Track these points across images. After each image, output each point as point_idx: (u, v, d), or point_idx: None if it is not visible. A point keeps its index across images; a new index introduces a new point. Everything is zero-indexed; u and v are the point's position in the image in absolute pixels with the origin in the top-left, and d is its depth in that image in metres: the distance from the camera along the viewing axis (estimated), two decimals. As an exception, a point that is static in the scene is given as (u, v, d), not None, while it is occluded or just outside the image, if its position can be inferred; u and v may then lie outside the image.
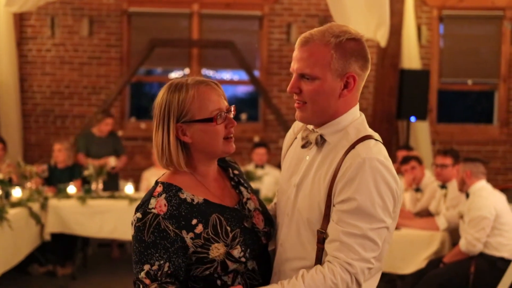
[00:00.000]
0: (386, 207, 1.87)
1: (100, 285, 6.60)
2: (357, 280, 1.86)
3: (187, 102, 2.02)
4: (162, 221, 1.95)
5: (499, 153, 9.42)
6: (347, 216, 1.86)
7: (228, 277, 2.01)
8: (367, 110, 9.25)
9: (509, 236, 4.94)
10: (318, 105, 1.95)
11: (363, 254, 1.85)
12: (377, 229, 1.87)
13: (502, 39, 9.34)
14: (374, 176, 1.85)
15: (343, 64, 1.92)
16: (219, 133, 2.04)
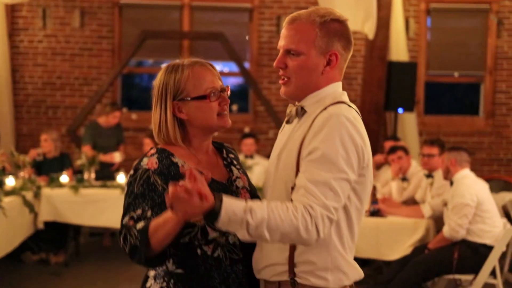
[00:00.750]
0: (349, 160, 1.94)
1: (92, 272, 6.72)
2: (316, 226, 1.88)
3: (182, 81, 2.16)
4: (152, 175, 2.08)
5: (485, 144, 9.59)
6: (312, 165, 1.93)
7: (209, 248, 2.10)
8: (355, 101, 9.38)
9: (490, 223, 5.09)
10: (302, 80, 2.07)
11: (324, 200, 1.89)
12: (339, 179, 1.92)
13: (488, 32, 9.51)
14: (339, 129, 1.94)
15: (327, 42, 2.05)
16: (213, 109, 2.17)
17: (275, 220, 1.87)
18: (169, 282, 2.11)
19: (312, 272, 2.02)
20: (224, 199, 1.88)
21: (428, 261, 5.08)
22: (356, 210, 2.05)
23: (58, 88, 9.34)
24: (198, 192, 1.82)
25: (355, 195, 2.03)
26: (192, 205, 1.83)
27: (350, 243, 2.07)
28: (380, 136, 8.86)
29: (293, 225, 1.87)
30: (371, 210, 5.61)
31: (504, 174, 9.37)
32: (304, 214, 1.88)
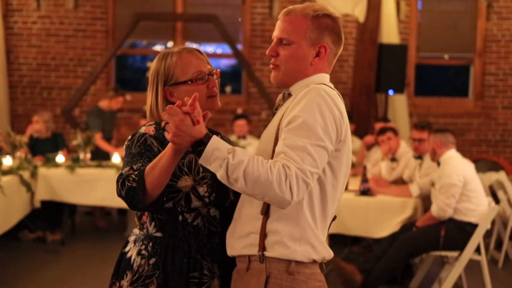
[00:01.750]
0: (327, 130, 2.00)
1: (88, 250, 6.87)
2: (290, 185, 1.92)
3: (171, 68, 2.32)
4: (148, 138, 2.23)
5: (474, 126, 9.76)
6: (291, 132, 2.00)
7: (190, 215, 2.24)
8: (347, 83, 9.53)
9: (476, 202, 5.25)
10: (290, 67, 2.18)
11: (301, 163, 1.93)
12: (316, 145, 1.97)
13: (478, 14, 9.64)
14: (318, 100, 2.03)
15: (317, 35, 2.16)
16: (201, 92, 2.30)
17: (252, 167, 1.92)
18: (147, 245, 2.26)
19: (280, 242, 2.05)
20: (214, 136, 1.99)
21: (416, 238, 5.24)
22: (332, 187, 2.10)
23: (53, 69, 9.42)
24: (195, 113, 1.96)
25: (330, 170, 2.08)
26: (185, 124, 1.95)
27: (322, 220, 2.11)
28: (371, 117, 9.01)
29: (268, 178, 1.91)
30: (361, 189, 5.76)
31: (492, 155, 9.56)
32: (281, 171, 1.91)
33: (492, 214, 5.11)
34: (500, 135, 9.76)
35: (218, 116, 9.17)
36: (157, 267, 2.24)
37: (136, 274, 2.25)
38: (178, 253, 2.24)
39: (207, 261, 2.25)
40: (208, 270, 2.26)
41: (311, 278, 2.09)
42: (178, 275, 2.23)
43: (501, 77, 9.71)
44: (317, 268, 2.13)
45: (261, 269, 2.08)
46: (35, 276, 5.83)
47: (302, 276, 2.07)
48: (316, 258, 2.09)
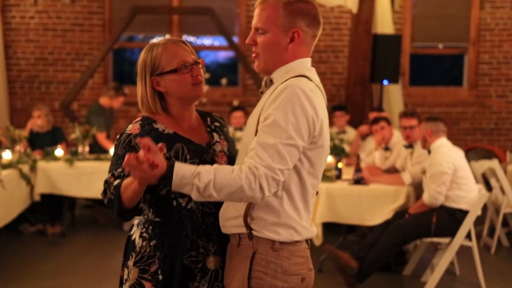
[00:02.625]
0: (298, 128, 2.11)
1: (88, 242, 6.98)
2: (260, 184, 2.07)
3: (157, 59, 2.44)
4: (133, 139, 2.36)
5: (468, 114, 9.85)
6: (264, 129, 2.13)
7: (183, 200, 2.37)
8: (342, 74, 9.62)
9: (466, 189, 5.35)
10: (268, 55, 2.29)
11: (270, 162, 2.07)
12: (287, 144, 2.09)
13: (472, 4, 9.72)
14: (291, 99, 2.12)
15: (289, 21, 2.25)
16: (186, 80, 2.42)
17: (220, 181, 2.07)
18: (148, 228, 2.42)
19: (265, 227, 2.22)
20: (175, 165, 2.11)
21: (408, 225, 5.35)
22: (309, 174, 2.24)
23: (51, 64, 9.51)
24: (150, 161, 2.05)
25: (307, 160, 2.21)
26: (144, 172, 2.06)
27: (303, 204, 2.26)
28: (366, 107, 9.10)
29: (237, 184, 2.06)
30: (355, 179, 5.86)
31: (487, 143, 9.66)
32: (248, 174, 2.06)
33: (482, 201, 5.21)
34: (494, 124, 9.86)
35: (215, 108, 9.27)
36: (158, 249, 2.39)
37: (139, 255, 2.41)
38: (175, 235, 2.39)
39: (202, 240, 2.40)
40: (203, 248, 2.40)
41: (294, 254, 2.25)
42: (176, 255, 2.38)
43: (495, 66, 9.80)
44: (302, 244, 2.30)
45: (249, 245, 2.26)
46: (36, 268, 5.95)
47: (285, 252, 2.24)
48: (299, 239, 2.26)
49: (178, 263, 2.38)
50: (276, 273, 2.23)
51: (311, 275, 2.32)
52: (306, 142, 2.16)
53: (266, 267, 2.23)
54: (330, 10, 9.44)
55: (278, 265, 2.23)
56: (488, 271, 5.82)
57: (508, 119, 9.82)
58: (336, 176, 6.08)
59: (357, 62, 8.87)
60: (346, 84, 9.36)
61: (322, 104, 2.25)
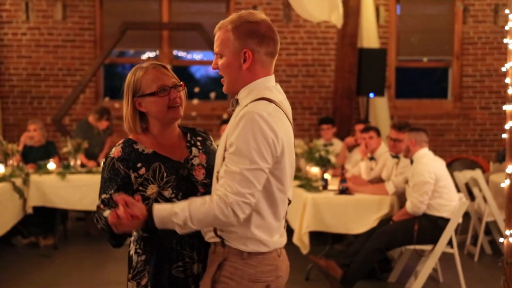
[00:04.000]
0: (261, 152, 2.27)
1: (80, 254, 7.10)
2: (233, 210, 2.25)
3: (139, 81, 2.62)
4: (116, 162, 2.55)
5: (453, 126, 10.05)
6: (230, 158, 2.29)
7: None
8: (329, 87, 9.81)
9: (448, 198, 5.52)
10: (228, 77, 2.46)
11: (238, 188, 2.25)
12: (252, 169, 2.26)
13: (455, 18, 9.96)
14: (251, 126, 2.27)
15: (239, 43, 2.41)
16: (164, 103, 2.60)
17: (196, 215, 2.28)
18: (140, 244, 2.62)
19: (234, 239, 2.39)
20: (154, 209, 2.34)
21: (391, 232, 5.51)
22: (278, 190, 2.40)
23: (43, 79, 9.66)
24: (129, 216, 2.28)
25: (274, 178, 2.37)
26: (127, 225, 2.32)
27: (273, 218, 2.42)
28: (353, 119, 9.29)
29: (211, 214, 2.27)
30: (340, 189, 6.03)
31: (471, 154, 9.86)
32: (219, 204, 2.25)
33: (463, 209, 5.39)
34: (478, 135, 10.06)
35: (205, 121, 9.44)
36: (147, 263, 2.59)
37: (135, 270, 2.63)
38: (161, 248, 2.58)
39: (186, 251, 2.59)
40: (189, 257, 2.59)
41: (261, 263, 2.41)
42: (163, 267, 2.57)
43: (479, 79, 10.02)
44: (271, 254, 2.44)
45: (222, 252, 2.43)
46: (29, 279, 6.06)
47: (253, 261, 2.40)
48: (266, 250, 2.42)
49: (165, 275, 2.56)
50: (242, 280, 2.39)
51: (278, 282, 2.46)
52: (271, 163, 2.32)
53: (232, 273, 2.39)
54: (317, 25, 9.64)
55: (245, 272, 2.39)
56: (471, 278, 5.99)
57: (492, 130, 10.03)
58: (323, 186, 6.25)
59: (343, 75, 9.06)
60: (333, 97, 9.56)
61: (283, 123, 2.38)
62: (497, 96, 10.01)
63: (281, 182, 2.41)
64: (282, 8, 9.75)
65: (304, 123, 9.83)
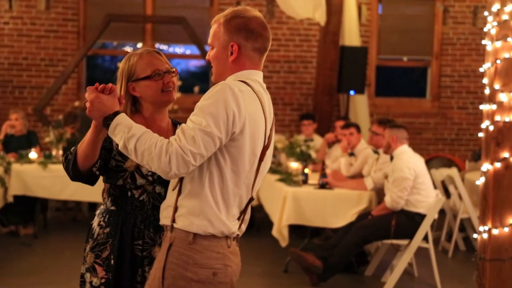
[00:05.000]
0: (217, 119, 2.31)
1: (60, 243, 7.14)
2: (170, 159, 2.28)
3: (133, 67, 2.72)
4: None
5: (431, 125, 10.23)
6: (191, 116, 2.37)
7: (137, 192, 2.65)
8: (311, 83, 9.93)
9: (425, 194, 5.66)
10: (216, 68, 2.56)
11: (183, 142, 2.28)
12: (203, 131, 2.30)
13: (435, 19, 10.14)
14: (218, 93, 2.36)
15: (228, 37, 2.50)
16: (158, 87, 2.70)
17: (141, 142, 2.32)
18: (105, 217, 2.70)
19: (183, 215, 2.42)
20: (120, 113, 2.42)
21: (369, 226, 5.64)
22: (232, 172, 2.43)
23: (24, 69, 9.64)
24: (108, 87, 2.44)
25: (229, 158, 2.41)
26: (97, 101, 2.43)
27: (223, 200, 2.43)
28: (333, 116, 9.41)
29: (151, 152, 2.30)
30: (320, 183, 6.14)
31: (447, 153, 10.04)
32: (163, 147, 2.29)
33: (439, 205, 5.53)
34: (455, 134, 10.26)
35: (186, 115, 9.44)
36: (110, 236, 2.66)
37: (95, 242, 2.68)
38: (126, 224, 2.66)
39: (149, 231, 2.66)
40: (150, 238, 2.66)
41: (207, 249, 2.42)
42: (125, 243, 2.65)
43: (457, 79, 10.21)
44: (219, 241, 2.45)
45: (169, 237, 2.45)
46: (10, 266, 6.10)
47: (199, 246, 2.41)
48: (213, 232, 2.42)
49: (127, 250, 2.64)
50: (187, 265, 2.39)
51: (227, 271, 2.45)
52: (224, 135, 2.34)
53: (178, 258, 2.40)
54: (300, 22, 9.75)
55: (190, 257, 2.40)
56: (445, 273, 6.13)
57: (468, 130, 10.22)
58: (303, 180, 6.36)
59: (325, 72, 9.17)
60: (314, 93, 9.67)
61: (252, 105, 2.43)
62: (474, 96, 10.20)
63: (235, 163, 2.42)
64: (265, 4, 9.84)
65: (285, 118, 9.94)
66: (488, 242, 4.70)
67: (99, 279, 2.65)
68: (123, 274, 2.64)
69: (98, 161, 2.60)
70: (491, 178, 4.68)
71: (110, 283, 2.64)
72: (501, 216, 4.69)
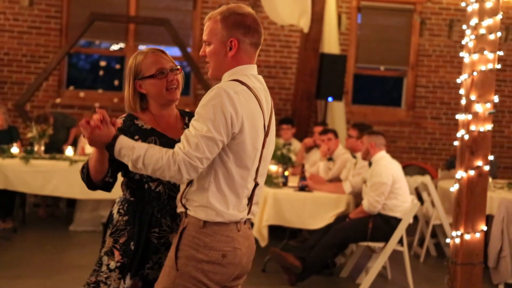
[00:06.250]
0: (216, 124, 2.48)
1: (40, 238, 7.20)
2: (179, 167, 2.48)
3: (139, 65, 2.87)
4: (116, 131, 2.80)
5: (405, 134, 10.48)
6: (192, 123, 2.54)
7: (153, 184, 2.80)
8: (290, 89, 10.11)
9: (402, 199, 5.86)
10: (214, 63, 2.70)
11: (188, 149, 2.47)
12: (206, 137, 2.47)
13: (412, 30, 10.41)
14: (214, 99, 2.51)
15: (226, 33, 2.65)
16: (162, 85, 2.84)
17: (148, 158, 2.52)
18: (124, 206, 2.87)
19: (193, 205, 2.61)
20: (119, 137, 2.59)
21: (347, 228, 5.83)
22: (237, 167, 2.61)
23: (6, 64, 9.66)
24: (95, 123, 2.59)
25: (232, 155, 2.58)
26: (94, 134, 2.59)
27: (230, 191, 2.62)
28: (311, 122, 9.61)
29: (160, 164, 2.50)
30: (300, 186, 6.31)
31: (420, 161, 10.30)
32: (170, 158, 2.49)
33: (414, 210, 5.74)
34: (428, 143, 10.53)
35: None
36: (128, 223, 2.83)
37: (114, 228, 2.86)
38: (144, 213, 2.82)
39: (166, 219, 2.83)
40: (167, 226, 2.83)
41: (217, 233, 2.61)
42: (142, 230, 2.81)
43: (431, 90, 10.48)
44: (228, 226, 2.64)
45: (184, 222, 2.66)
46: (-10, 259, 6.16)
47: (209, 230, 2.61)
48: (222, 220, 2.61)
49: (143, 237, 2.80)
50: (198, 247, 2.59)
51: (236, 253, 2.64)
52: (225, 137, 2.52)
53: (190, 241, 2.60)
54: (281, 28, 9.93)
55: (201, 240, 2.59)
56: (417, 276, 6.34)
57: (441, 140, 10.50)
58: (283, 183, 6.52)
59: (304, 78, 9.35)
60: (293, 99, 9.86)
61: (249, 104, 2.58)
62: (447, 107, 10.48)
63: (239, 159, 2.59)
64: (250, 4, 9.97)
65: (263, 122, 10.06)
66: (460, 246, 4.91)
67: (115, 263, 2.80)
68: (136, 258, 2.79)
69: (109, 170, 2.78)
70: (465, 185, 4.89)
71: (125, 267, 2.79)
72: (473, 222, 4.91)
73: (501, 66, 5.06)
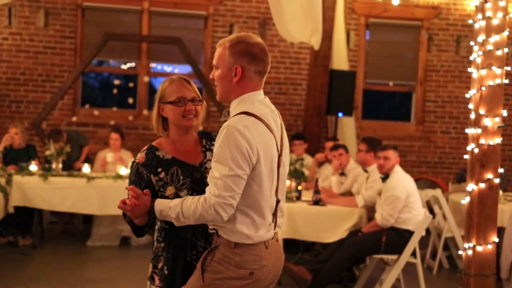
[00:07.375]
0: (236, 161, 2.63)
1: (59, 253, 7.35)
2: (215, 210, 2.64)
3: (164, 90, 3.05)
4: (140, 167, 2.99)
5: (415, 148, 10.60)
6: (213, 165, 2.68)
7: None
8: (300, 105, 10.26)
9: (414, 212, 5.97)
10: (220, 87, 2.85)
11: (219, 192, 2.63)
12: (230, 176, 2.63)
13: (420, 46, 10.55)
14: (228, 138, 2.63)
15: (233, 60, 2.80)
16: (180, 112, 3.00)
17: (186, 212, 2.70)
18: (161, 233, 3.05)
19: (225, 231, 2.77)
20: (155, 203, 2.79)
21: (360, 242, 5.94)
22: (258, 192, 2.75)
23: (22, 84, 9.86)
24: (132, 205, 2.77)
25: (254, 182, 2.73)
26: (134, 213, 2.81)
27: (256, 216, 2.76)
28: (322, 137, 9.74)
29: (198, 213, 2.68)
30: (313, 200, 6.44)
31: (431, 175, 10.40)
32: (204, 204, 2.66)
33: (426, 222, 5.84)
34: (438, 157, 10.63)
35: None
36: (164, 250, 3.01)
37: (154, 254, 3.07)
38: (178, 238, 2.98)
39: (200, 241, 2.98)
40: (203, 247, 2.97)
41: (247, 252, 2.76)
42: (178, 255, 2.97)
43: (440, 104, 10.61)
44: (257, 245, 2.78)
45: (216, 241, 2.82)
46: (11, 275, 6.30)
47: (239, 250, 2.77)
48: (251, 242, 2.77)
49: (180, 261, 2.96)
50: (229, 265, 2.74)
51: (262, 271, 2.77)
52: (247, 169, 2.68)
53: (221, 259, 2.76)
54: (290, 45, 10.10)
55: (231, 259, 2.74)
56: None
57: (451, 154, 10.61)
58: (296, 197, 6.65)
59: (314, 94, 9.50)
60: (303, 115, 10.00)
61: (261, 134, 2.72)
62: (456, 121, 10.60)
63: (260, 185, 2.74)
64: (257, 27, 10.18)
65: (274, 138, 10.20)
66: (473, 258, 4.99)
67: (155, 287, 3.00)
68: (175, 283, 2.95)
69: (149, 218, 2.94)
70: (476, 197, 4.97)
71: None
72: (485, 234, 4.99)
73: (508, 81, 5.15)
